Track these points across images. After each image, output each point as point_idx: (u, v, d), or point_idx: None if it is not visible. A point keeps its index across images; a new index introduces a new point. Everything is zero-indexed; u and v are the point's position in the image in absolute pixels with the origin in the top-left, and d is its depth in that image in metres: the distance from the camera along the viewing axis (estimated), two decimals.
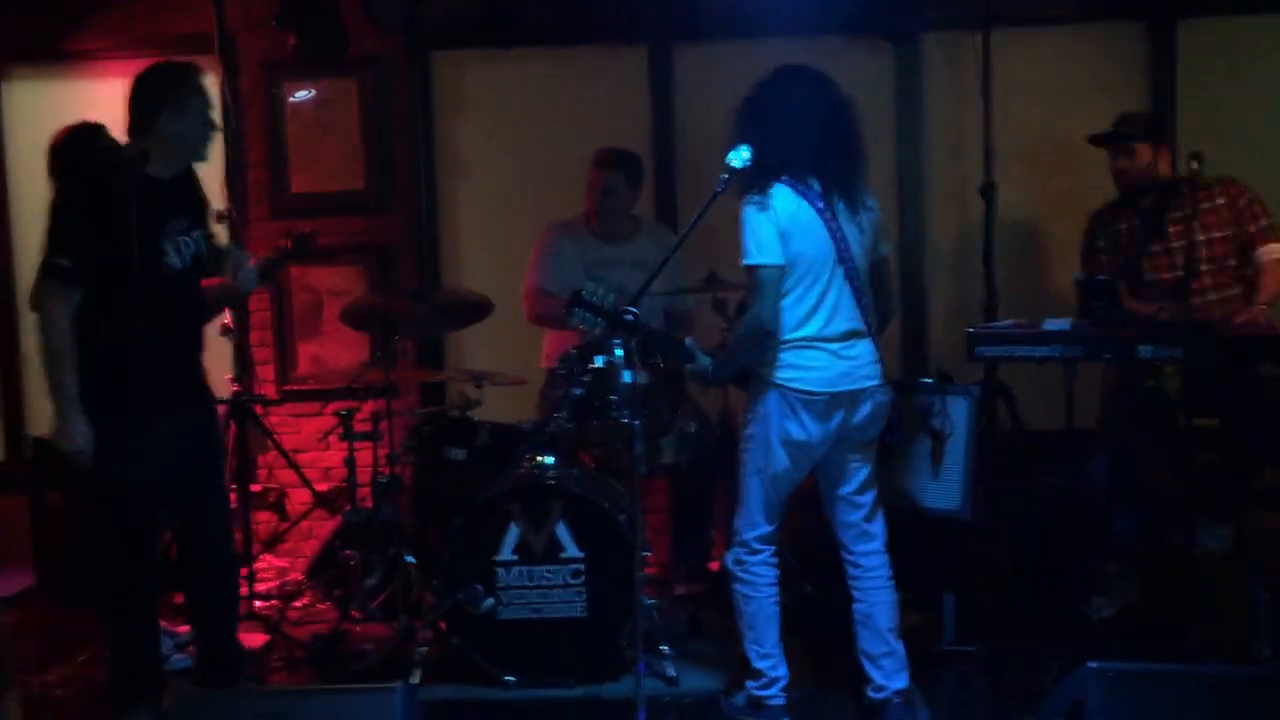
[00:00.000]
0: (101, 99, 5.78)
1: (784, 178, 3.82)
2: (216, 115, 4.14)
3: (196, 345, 4.21)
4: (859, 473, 4.04)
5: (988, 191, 4.97)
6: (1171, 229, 4.80)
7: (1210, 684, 3.39)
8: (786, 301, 3.85)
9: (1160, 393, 4.71)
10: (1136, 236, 4.91)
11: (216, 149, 5.78)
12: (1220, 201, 4.81)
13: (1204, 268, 4.80)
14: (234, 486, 5.21)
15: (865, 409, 3.94)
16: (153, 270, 3.87)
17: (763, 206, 3.80)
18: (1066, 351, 4.42)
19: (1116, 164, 4.90)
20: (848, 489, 4.04)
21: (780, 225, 3.80)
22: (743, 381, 4.07)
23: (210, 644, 4.22)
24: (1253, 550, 4.72)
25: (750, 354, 3.93)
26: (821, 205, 3.83)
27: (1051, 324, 4.52)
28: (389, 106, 6.01)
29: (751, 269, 3.82)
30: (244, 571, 5.14)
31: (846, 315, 3.90)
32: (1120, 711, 3.26)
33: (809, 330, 3.87)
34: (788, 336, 3.87)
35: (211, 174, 5.22)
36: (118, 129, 4.65)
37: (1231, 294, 4.80)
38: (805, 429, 3.89)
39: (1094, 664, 3.32)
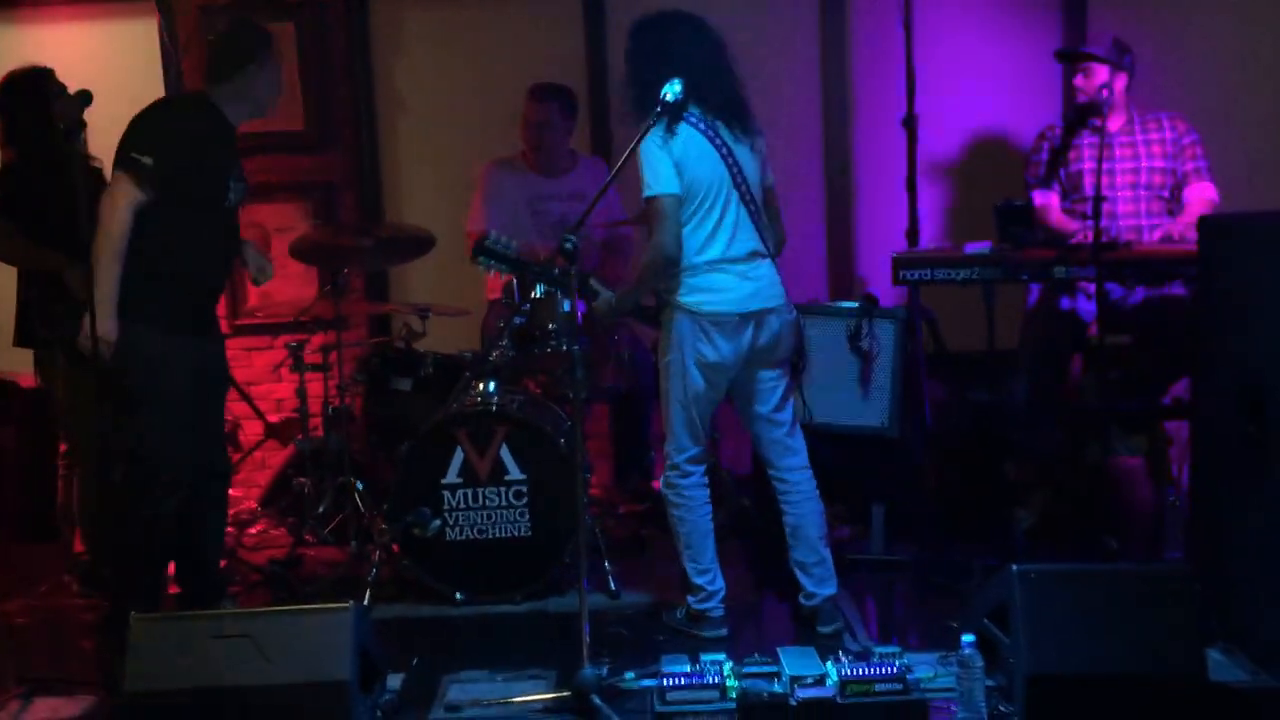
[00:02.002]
0: (38, 43, 5.80)
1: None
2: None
3: (228, 281, 4.51)
4: (774, 392, 4.18)
5: (910, 122, 5.11)
6: (1116, 151, 4.88)
7: (1124, 582, 3.54)
8: (687, 228, 3.98)
9: (1075, 312, 4.93)
10: (1081, 154, 5.00)
11: (157, 91, 5.92)
12: (1167, 134, 4.94)
13: (1140, 193, 4.94)
14: None
15: (773, 327, 4.08)
16: (219, 203, 4.17)
17: (656, 140, 3.94)
18: (986, 273, 4.61)
19: (1074, 81, 4.96)
20: (766, 408, 4.18)
21: (674, 155, 3.93)
22: (642, 314, 4.21)
23: (198, 565, 4.38)
24: (1163, 459, 4.98)
25: (656, 282, 4.06)
26: (710, 132, 3.98)
27: (972, 247, 4.71)
28: (327, 48, 6.04)
29: (651, 200, 3.95)
30: None
31: (746, 237, 4.04)
32: (1041, 610, 3.38)
33: (713, 253, 4.00)
34: (693, 261, 3.99)
35: None
36: (60, 73, 4.76)
37: (1160, 223, 4.92)
38: (718, 350, 4.02)
39: (1017, 566, 3.45)
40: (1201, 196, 4.90)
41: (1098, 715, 3.34)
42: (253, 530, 5.47)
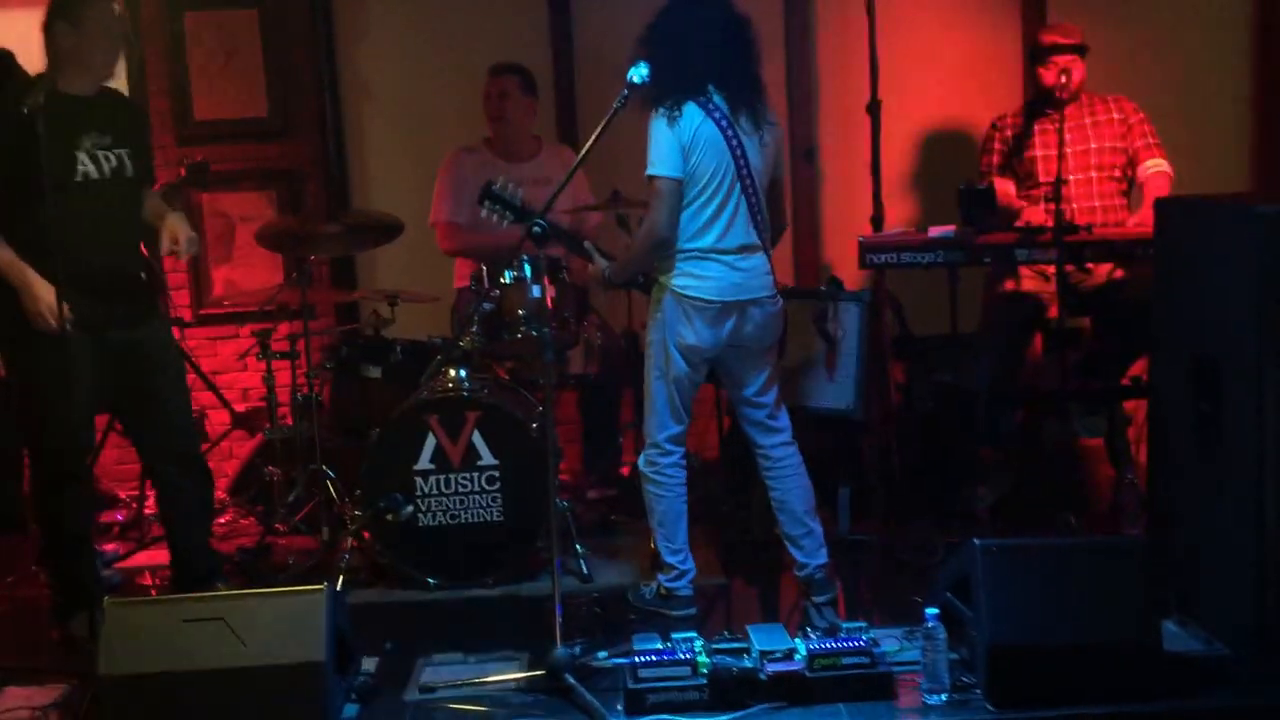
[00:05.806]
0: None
1: (690, 95, 4.00)
2: (122, 33, 4.17)
3: (131, 261, 4.28)
4: (759, 376, 4.25)
5: (874, 108, 5.16)
6: (1067, 135, 4.88)
7: (1081, 556, 3.64)
8: (686, 213, 4.04)
9: (1035, 295, 5.00)
10: (1033, 141, 5.06)
11: (119, 77, 5.87)
12: (1115, 115, 5.02)
13: (1093, 174, 5.00)
14: None
15: (755, 318, 4.14)
16: (68, 181, 3.96)
17: (669, 120, 3.99)
18: (949, 257, 4.67)
19: (1047, 73, 4.95)
20: (750, 391, 4.26)
21: (683, 140, 3.98)
22: (641, 286, 4.28)
23: (183, 550, 4.40)
24: (1121, 438, 5.06)
25: (647, 260, 4.14)
26: (725, 122, 4.02)
27: (936, 231, 4.77)
28: (289, 33, 6.00)
29: (651, 179, 4.03)
30: None
31: (742, 229, 4.09)
32: (1001, 582, 3.47)
33: (705, 242, 4.06)
34: (685, 246, 4.06)
35: None
36: (20, 58, 4.72)
37: (1115, 204, 5.02)
38: (698, 334, 4.09)
39: (978, 541, 3.53)
40: (1157, 172, 4.95)
41: (1056, 684, 3.42)
42: (221, 520, 5.44)
